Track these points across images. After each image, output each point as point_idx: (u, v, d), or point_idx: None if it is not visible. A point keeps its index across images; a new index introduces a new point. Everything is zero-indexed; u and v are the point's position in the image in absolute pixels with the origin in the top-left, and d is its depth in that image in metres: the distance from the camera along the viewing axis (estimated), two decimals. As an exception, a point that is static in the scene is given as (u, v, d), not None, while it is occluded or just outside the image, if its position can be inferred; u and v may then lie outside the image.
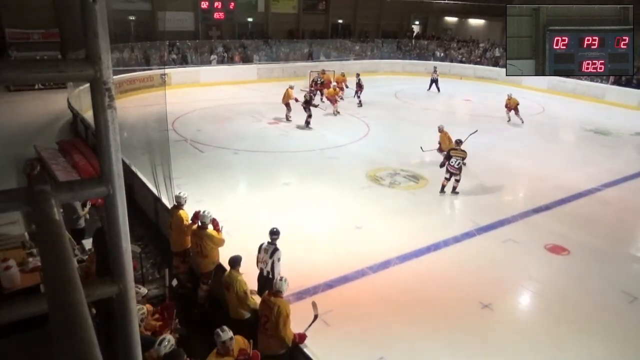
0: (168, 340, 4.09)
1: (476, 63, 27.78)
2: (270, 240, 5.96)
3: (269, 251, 5.89)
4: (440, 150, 12.12)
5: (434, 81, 22.60)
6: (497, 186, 11.13)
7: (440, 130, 12.29)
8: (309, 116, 15.02)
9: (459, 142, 10.35)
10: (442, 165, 10.25)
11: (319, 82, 18.89)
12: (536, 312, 6.77)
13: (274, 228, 6.03)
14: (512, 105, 16.81)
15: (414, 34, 35.07)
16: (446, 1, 32.69)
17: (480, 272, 7.37)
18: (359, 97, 18.65)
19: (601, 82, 22.15)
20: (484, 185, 11.01)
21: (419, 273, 7.31)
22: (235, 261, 5.41)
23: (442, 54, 29.67)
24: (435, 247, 8.02)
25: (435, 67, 23.54)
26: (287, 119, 15.95)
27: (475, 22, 33.23)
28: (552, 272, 7.59)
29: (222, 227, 6.32)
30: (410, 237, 8.28)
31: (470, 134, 11.52)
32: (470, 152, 13.42)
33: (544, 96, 22.48)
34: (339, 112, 17.01)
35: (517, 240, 8.36)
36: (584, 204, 10.19)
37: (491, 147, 13.95)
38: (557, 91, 22.99)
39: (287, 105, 15.86)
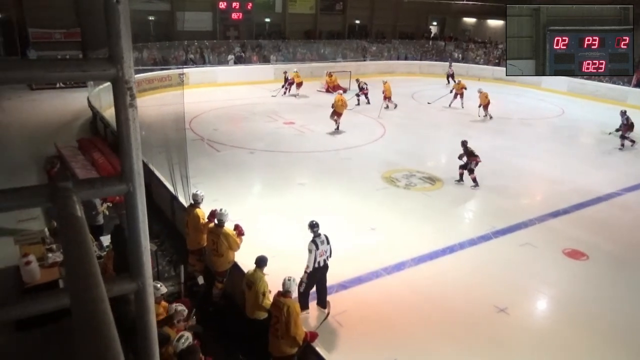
0: (186, 338, 4.14)
1: (495, 64, 27.47)
2: (315, 235, 5.98)
3: (325, 241, 5.98)
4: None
5: (450, 76, 23.84)
6: (514, 189, 10.99)
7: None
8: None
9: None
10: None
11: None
12: (553, 317, 6.66)
13: (313, 221, 6.07)
14: (482, 102, 17.42)
15: (432, 35, 34.84)
16: (464, 2, 32.39)
17: (497, 276, 7.28)
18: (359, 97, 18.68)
19: (623, 84, 21.73)
20: (501, 188, 10.88)
21: (434, 275, 7.26)
22: (262, 261, 5.44)
23: (459, 55, 29.42)
24: (451, 249, 7.95)
25: (450, 62, 25.58)
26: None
27: (494, 23, 32.85)
28: (570, 277, 7.46)
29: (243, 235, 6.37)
30: (426, 239, 8.23)
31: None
32: (486, 154, 13.32)
33: (564, 98, 22.14)
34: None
35: (534, 244, 8.24)
36: (603, 208, 10.00)
37: (509, 150, 13.80)
38: (577, 93, 22.60)
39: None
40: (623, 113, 14.11)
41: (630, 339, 6.04)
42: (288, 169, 11.71)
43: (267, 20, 29.31)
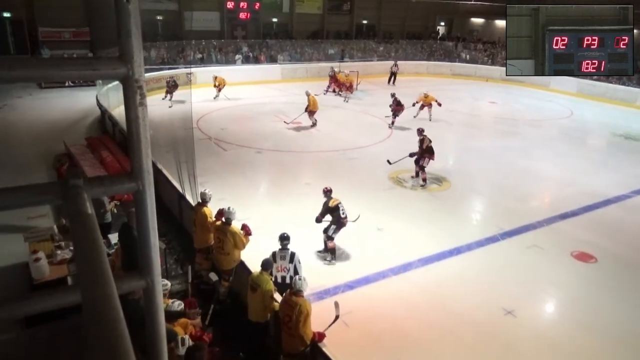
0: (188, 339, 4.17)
1: (502, 65, 27.31)
2: (281, 247, 5.91)
3: (287, 257, 5.85)
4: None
5: (393, 74, 24.11)
6: (522, 191, 10.93)
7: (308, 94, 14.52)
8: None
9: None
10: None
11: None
12: (560, 320, 6.61)
13: (284, 233, 5.99)
14: (427, 103, 16.35)
15: (439, 36, 34.73)
16: (472, 2, 32.22)
17: (504, 278, 7.25)
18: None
19: (633, 86, 21.57)
20: (508, 190, 10.83)
21: (441, 276, 7.23)
22: (267, 264, 5.44)
23: (467, 56, 29.31)
24: (458, 250, 7.92)
25: (395, 62, 25.08)
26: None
27: (502, 24, 32.60)
28: (578, 279, 7.41)
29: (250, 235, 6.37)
30: (432, 240, 8.20)
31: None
32: (495, 155, 13.31)
33: (573, 100, 22.01)
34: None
35: (542, 246, 8.19)
36: (612, 210, 9.92)
37: (517, 151, 13.74)
38: (586, 95, 22.45)
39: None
40: (392, 95, 15.45)
41: (638, 343, 5.98)
42: (294, 168, 11.72)
43: (275, 20, 29.34)
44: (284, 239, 5.96)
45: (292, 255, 5.87)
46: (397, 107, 15.21)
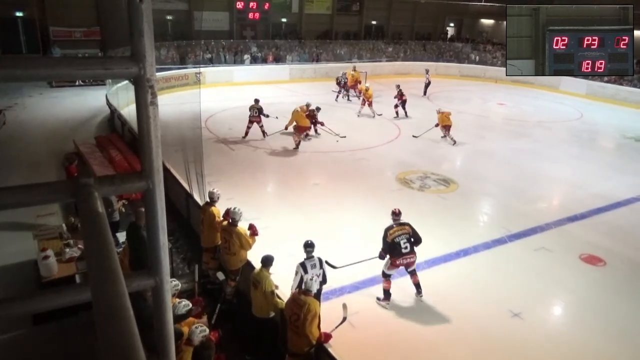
0: (203, 329, 4.19)
1: (512, 66, 27.13)
2: (307, 256, 5.75)
3: (317, 264, 5.74)
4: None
5: (426, 86, 21.71)
6: (530, 193, 10.86)
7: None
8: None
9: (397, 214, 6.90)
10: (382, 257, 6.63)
11: (342, 82, 19.84)
12: (568, 323, 6.56)
13: (308, 241, 5.85)
14: (440, 123, 14.20)
15: (448, 37, 34.60)
16: (482, 3, 32.06)
17: (511, 280, 7.20)
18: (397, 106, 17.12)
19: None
20: (516, 192, 10.76)
21: (448, 278, 7.21)
22: (267, 260, 5.44)
23: (476, 57, 29.17)
24: (465, 252, 7.89)
25: (427, 70, 22.38)
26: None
27: (512, 25, 32.45)
28: (587, 283, 7.35)
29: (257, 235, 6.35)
30: (440, 242, 8.16)
31: None
32: (503, 157, 13.23)
33: (583, 102, 21.83)
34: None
35: (550, 248, 8.14)
36: (622, 214, 9.83)
37: (525, 153, 13.65)
38: (597, 97, 22.26)
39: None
40: (397, 86, 16.96)
41: (648, 347, 5.93)
42: (303, 169, 11.72)
43: (284, 20, 29.38)
44: (309, 246, 5.76)
45: (320, 261, 5.77)
46: (401, 98, 16.32)
